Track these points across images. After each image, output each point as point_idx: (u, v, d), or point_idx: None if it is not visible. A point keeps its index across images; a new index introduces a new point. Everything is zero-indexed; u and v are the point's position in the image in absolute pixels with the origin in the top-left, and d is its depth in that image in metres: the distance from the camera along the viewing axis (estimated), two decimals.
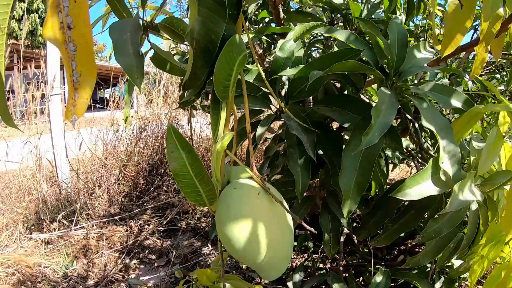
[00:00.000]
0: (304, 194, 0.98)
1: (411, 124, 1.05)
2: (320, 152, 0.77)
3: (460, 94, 0.74)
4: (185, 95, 0.66)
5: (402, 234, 1.86)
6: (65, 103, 3.07)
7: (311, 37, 1.47)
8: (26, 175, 2.79)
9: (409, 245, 2.12)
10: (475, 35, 1.73)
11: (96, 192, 2.77)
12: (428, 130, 1.42)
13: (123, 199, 2.87)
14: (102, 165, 2.98)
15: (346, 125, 0.73)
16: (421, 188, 0.58)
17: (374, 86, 1.36)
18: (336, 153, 0.76)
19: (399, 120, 1.09)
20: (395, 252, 2.06)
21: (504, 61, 2.14)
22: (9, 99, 3.66)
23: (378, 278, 1.17)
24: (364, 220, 0.82)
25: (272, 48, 1.62)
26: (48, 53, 2.94)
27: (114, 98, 3.66)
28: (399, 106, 0.78)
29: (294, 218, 0.49)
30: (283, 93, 0.90)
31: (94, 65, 0.39)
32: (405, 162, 2.22)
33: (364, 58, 0.83)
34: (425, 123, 0.63)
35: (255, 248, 0.52)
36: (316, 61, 0.73)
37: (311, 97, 1.08)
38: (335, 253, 0.85)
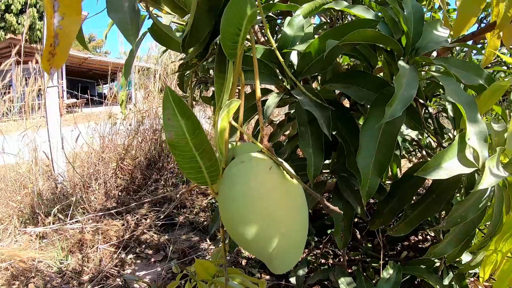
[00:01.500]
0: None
1: (424, 109, 0.99)
2: (333, 132, 0.71)
3: (482, 70, 0.69)
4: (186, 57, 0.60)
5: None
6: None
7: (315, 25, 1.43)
8: (21, 168, 2.74)
9: (412, 241, 2.08)
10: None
11: (93, 186, 2.71)
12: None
13: (120, 193, 2.80)
14: (99, 159, 2.92)
15: (361, 103, 0.67)
16: (449, 166, 0.53)
17: (380, 74, 1.31)
18: (350, 132, 0.70)
19: None
20: (398, 248, 2.02)
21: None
22: (5, 93, 3.61)
23: (388, 272, 1.11)
24: (378, 208, 0.76)
25: (274, 38, 1.57)
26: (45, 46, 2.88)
27: (112, 93, 3.62)
28: None
29: (315, 196, 0.41)
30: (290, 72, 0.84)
31: (79, 6, 0.32)
32: (407, 158, 2.17)
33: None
34: (449, 98, 0.57)
35: (265, 235, 0.43)
36: (329, 32, 0.67)
37: (318, 80, 1.03)
38: (347, 244, 0.80)
